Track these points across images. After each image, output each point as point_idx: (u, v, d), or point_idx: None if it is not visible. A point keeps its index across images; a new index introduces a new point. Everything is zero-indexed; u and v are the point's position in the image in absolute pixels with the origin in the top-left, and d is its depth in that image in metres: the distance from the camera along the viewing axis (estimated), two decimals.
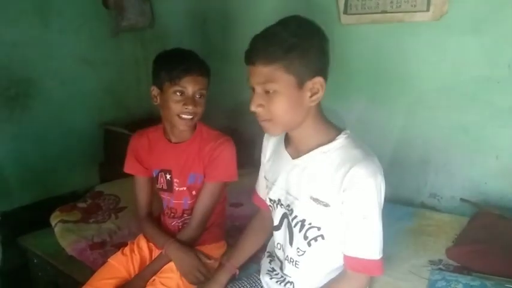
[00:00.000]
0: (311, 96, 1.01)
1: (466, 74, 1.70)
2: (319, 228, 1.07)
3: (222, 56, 2.45)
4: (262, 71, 0.98)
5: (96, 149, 2.72)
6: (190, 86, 1.33)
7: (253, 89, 1.03)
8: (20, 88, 2.35)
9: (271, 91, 0.99)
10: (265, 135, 1.26)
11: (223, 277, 1.30)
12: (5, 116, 2.32)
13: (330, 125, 1.09)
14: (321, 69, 1.02)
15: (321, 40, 1.02)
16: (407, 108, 1.88)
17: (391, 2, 1.77)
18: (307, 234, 1.09)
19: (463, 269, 1.37)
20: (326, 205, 1.04)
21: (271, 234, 1.25)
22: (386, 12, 1.79)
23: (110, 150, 2.67)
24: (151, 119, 1.54)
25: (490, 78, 1.64)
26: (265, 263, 1.28)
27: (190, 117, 1.35)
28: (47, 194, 2.46)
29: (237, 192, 1.75)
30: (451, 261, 1.43)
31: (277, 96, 0.99)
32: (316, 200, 1.06)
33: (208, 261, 1.40)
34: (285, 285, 1.18)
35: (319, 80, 1.00)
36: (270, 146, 1.24)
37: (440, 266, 1.41)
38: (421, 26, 1.75)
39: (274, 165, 1.20)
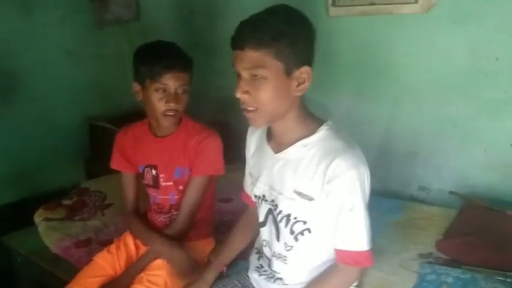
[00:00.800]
0: (297, 86, 1.00)
1: (454, 66, 1.69)
2: (304, 222, 1.06)
3: (210, 48, 2.42)
4: (251, 56, 0.96)
5: (82, 144, 2.67)
6: (171, 82, 1.29)
7: (238, 76, 1.00)
8: (4, 82, 2.29)
9: (258, 76, 0.97)
10: (249, 130, 1.24)
11: (210, 275, 1.28)
12: None
13: (312, 117, 1.08)
14: (308, 59, 1.01)
15: (309, 30, 1.01)
16: (395, 101, 1.87)
17: None
18: (293, 229, 1.08)
19: (452, 262, 1.37)
20: (310, 199, 1.03)
21: (259, 231, 1.23)
22: (374, 4, 1.77)
23: (96, 145, 2.62)
24: (137, 114, 1.51)
25: (478, 71, 1.64)
26: (253, 260, 1.26)
27: (173, 113, 1.32)
28: (32, 191, 2.42)
29: (226, 187, 1.72)
30: (440, 254, 1.43)
31: (264, 83, 0.97)
32: (299, 193, 1.04)
33: (191, 253, 1.37)
34: (274, 281, 1.16)
35: (306, 69, 0.99)
36: (253, 141, 1.22)
37: (430, 259, 1.40)
38: (409, 18, 1.73)
39: (257, 160, 1.18)
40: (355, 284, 1.14)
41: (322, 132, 1.04)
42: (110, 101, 2.67)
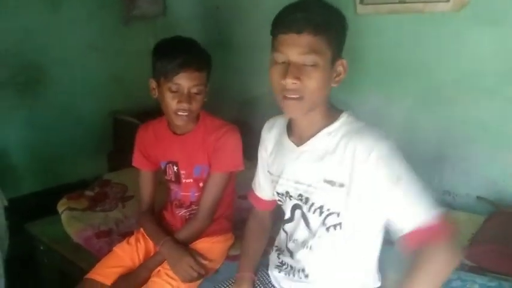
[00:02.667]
0: (335, 77, 1.00)
1: (485, 67, 1.63)
2: (338, 215, 1.02)
3: (235, 46, 2.42)
4: (309, 41, 0.93)
5: (106, 137, 2.71)
6: (185, 82, 1.27)
7: (283, 62, 0.96)
8: (31, 75, 2.34)
9: (311, 64, 0.94)
10: (265, 128, 1.22)
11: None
12: (15, 103, 2.31)
13: (332, 107, 1.07)
14: (343, 51, 1.01)
15: (346, 21, 1.01)
16: (424, 102, 1.82)
17: None
18: (326, 221, 1.04)
19: (478, 269, 1.32)
20: (341, 185, 0.99)
21: (280, 228, 1.21)
22: (405, 2, 1.73)
23: (119, 139, 2.65)
24: (160, 109, 1.51)
25: (510, 73, 1.58)
26: (273, 258, 1.24)
27: (186, 113, 1.30)
28: (55, 181, 2.46)
29: (245, 184, 1.69)
30: (466, 261, 1.38)
31: (315, 70, 0.95)
32: (330, 181, 1.01)
33: (203, 261, 1.35)
34: (294, 275, 1.13)
35: (343, 61, 1.00)
36: (271, 139, 1.19)
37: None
38: (440, 17, 1.68)
39: (277, 157, 1.15)
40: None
41: (344, 118, 1.03)
42: (134, 96, 2.69)
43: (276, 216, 1.27)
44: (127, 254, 1.40)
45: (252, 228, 1.30)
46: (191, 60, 1.27)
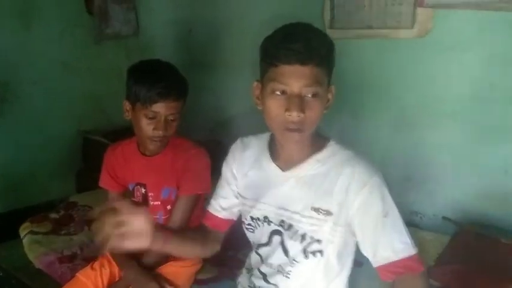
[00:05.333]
0: (326, 103, 0.99)
1: (449, 92, 1.69)
2: (319, 242, 1.01)
3: (208, 67, 2.43)
4: (313, 72, 0.91)
5: (75, 157, 2.65)
6: (163, 111, 1.25)
7: (283, 92, 0.93)
8: None
9: (312, 94, 0.93)
10: (237, 148, 1.17)
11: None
12: None
13: (319, 134, 1.06)
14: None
15: None
16: (390, 125, 1.86)
17: (377, 18, 1.76)
18: (307, 249, 1.03)
19: None
20: (328, 213, 0.99)
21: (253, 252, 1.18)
22: (371, 28, 1.78)
23: (89, 159, 2.60)
24: (131, 129, 1.49)
25: (473, 98, 1.64)
26: (243, 281, 1.21)
27: (160, 139, 1.29)
28: (21, 202, 2.38)
29: None
30: (432, 281, 1.39)
31: (316, 101, 0.93)
32: (317, 209, 1.00)
33: (169, 286, 1.31)
34: None
35: (332, 87, 1.00)
36: (246, 159, 1.14)
37: None
38: (405, 43, 1.74)
39: (255, 180, 1.11)
40: None
41: (332, 146, 1.04)
42: (105, 115, 2.66)
43: (240, 243, 1.23)
44: (90, 280, 1.35)
45: (197, 233, 1.20)
46: (171, 89, 1.25)
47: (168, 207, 1.39)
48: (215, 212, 1.20)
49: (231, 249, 1.49)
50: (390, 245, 0.95)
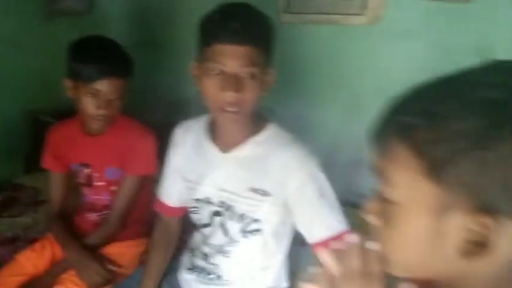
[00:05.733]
0: (265, 85, 1.00)
1: (395, 78, 1.70)
2: (258, 222, 1.04)
3: (163, 46, 2.38)
4: (250, 53, 0.92)
5: (23, 138, 2.53)
6: (105, 89, 1.22)
7: (222, 72, 0.93)
8: None
9: (249, 75, 0.93)
10: (179, 133, 1.18)
11: None
12: None
13: (258, 115, 1.07)
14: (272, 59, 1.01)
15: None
16: (341, 111, 1.90)
17: (330, 4, 1.78)
18: (245, 228, 1.06)
19: None
20: (266, 194, 1.02)
21: (195, 232, 1.19)
22: (324, 13, 1.80)
23: (38, 140, 2.48)
24: None
25: (415, 85, 1.69)
26: (185, 261, 1.23)
27: (103, 118, 1.26)
28: None
29: None
30: None
31: (253, 82, 0.94)
32: (255, 190, 1.02)
33: (111, 267, 1.30)
34: (206, 277, 1.13)
35: (272, 69, 1.01)
36: (187, 143, 1.15)
37: None
38: (357, 29, 1.77)
39: (197, 163, 1.12)
40: None
41: (271, 128, 1.05)
42: (55, 95, 2.54)
43: (186, 223, 1.24)
44: (30, 261, 1.32)
45: (157, 240, 1.24)
46: (113, 67, 1.22)
47: (113, 188, 1.37)
48: (166, 200, 1.21)
49: None
50: (326, 223, 0.99)
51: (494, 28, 1.49)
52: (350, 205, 1.91)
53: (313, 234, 1.00)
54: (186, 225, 1.29)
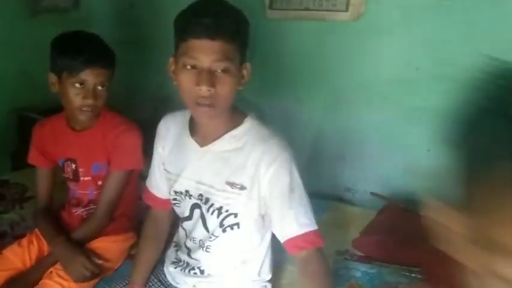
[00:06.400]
0: (241, 80, 1.01)
1: (379, 74, 1.78)
2: (235, 215, 1.06)
3: (149, 43, 2.38)
4: (223, 47, 0.92)
5: (9, 136, 2.52)
6: (91, 78, 1.24)
7: (194, 67, 0.94)
8: None
9: (223, 70, 0.94)
10: (163, 125, 1.20)
11: None
12: None
13: (236, 110, 1.09)
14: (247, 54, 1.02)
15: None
16: (326, 105, 1.93)
17: (314, 0, 1.81)
18: (224, 222, 1.08)
19: (365, 258, 1.43)
20: (242, 188, 1.03)
21: (179, 226, 1.22)
22: (309, 9, 1.83)
23: (25, 137, 2.47)
24: None
25: (400, 80, 1.73)
26: (170, 254, 1.25)
27: (90, 109, 1.28)
28: None
29: None
30: (356, 251, 1.49)
31: (227, 77, 0.95)
32: (231, 184, 1.04)
33: (98, 260, 1.31)
34: (190, 271, 1.15)
35: (248, 65, 1.02)
36: (169, 135, 1.17)
37: (346, 256, 1.46)
38: (340, 26, 1.80)
39: (177, 155, 1.15)
40: None
41: (249, 122, 1.06)
42: (41, 92, 2.52)
43: (176, 215, 1.27)
44: (17, 256, 1.33)
45: (148, 234, 1.26)
46: (97, 56, 1.25)
47: (99, 182, 1.38)
48: (155, 192, 1.24)
49: None
50: (296, 219, 1.01)
51: (476, 23, 1.53)
52: (335, 199, 1.96)
53: (284, 231, 1.03)
54: (173, 220, 1.31)
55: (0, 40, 2.38)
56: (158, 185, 1.23)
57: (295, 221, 1.01)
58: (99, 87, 1.27)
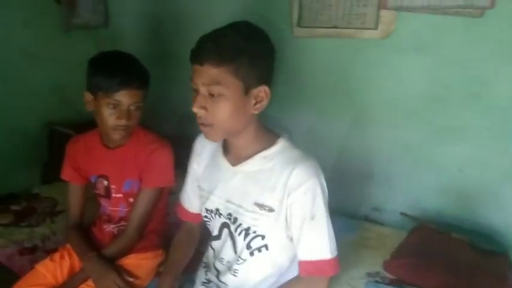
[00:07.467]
0: (255, 104, 1.01)
1: (409, 91, 1.75)
2: (263, 237, 1.06)
3: (176, 60, 2.42)
4: (210, 72, 0.95)
5: (41, 149, 2.59)
6: (125, 100, 1.26)
7: (196, 90, 0.99)
8: None
9: (216, 94, 0.96)
10: (199, 142, 1.23)
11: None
12: None
13: (269, 131, 1.10)
14: (267, 77, 1.02)
15: (269, 48, 1.02)
16: (353, 122, 1.91)
17: (342, 18, 1.81)
18: (251, 244, 1.07)
19: (397, 282, 1.40)
20: (270, 210, 1.03)
21: (209, 246, 1.22)
22: (337, 27, 1.82)
23: (55, 151, 2.54)
24: None
25: (431, 98, 1.70)
26: (200, 275, 1.25)
27: (123, 129, 1.30)
28: None
29: None
30: (387, 274, 1.45)
31: (222, 100, 0.97)
32: (260, 205, 1.04)
33: (129, 278, 1.32)
34: None
35: (264, 88, 1.00)
36: (205, 153, 1.20)
37: (377, 279, 1.43)
38: (369, 43, 1.79)
39: (211, 174, 1.16)
40: None
41: (281, 144, 1.06)
42: (72, 107, 2.59)
43: (205, 230, 1.28)
44: (49, 271, 1.35)
45: (179, 239, 1.31)
46: (133, 78, 1.27)
47: (130, 199, 1.40)
48: (187, 207, 1.27)
49: None
50: (308, 245, 1.02)
51: (509, 41, 1.50)
52: (362, 218, 1.93)
53: (298, 252, 1.05)
54: (202, 237, 1.31)
55: (34, 56, 2.46)
56: (190, 199, 1.26)
57: (308, 247, 1.02)
58: (133, 108, 1.29)
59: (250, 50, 0.96)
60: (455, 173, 1.72)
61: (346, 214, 1.91)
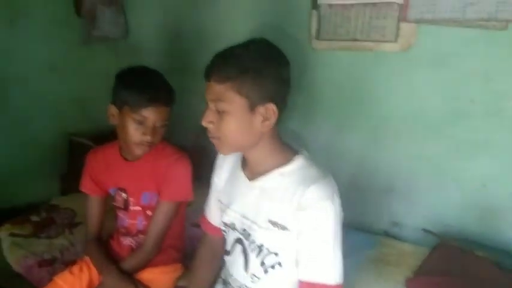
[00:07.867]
0: (263, 121, 1.00)
1: (430, 105, 1.72)
2: (276, 254, 1.04)
3: (194, 72, 2.41)
4: (215, 89, 0.98)
5: (60, 160, 2.62)
6: (152, 116, 1.27)
7: (207, 104, 1.03)
8: None
9: (221, 110, 0.98)
10: (220, 156, 1.23)
11: None
12: None
13: (286, 147, 1.08)
14: (275, 96, 1.00)
15: (278, 67, 1.01)
16: (372, 136, 1.89)
17: (361, 31, 1.79)
18: (265, 261, 1.06)
19: None
20: (284, 228, 1.01)
21: (224, 261, 1.20)
22: (356, 40, 1.81)
23: (74, 161, 2.58)
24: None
25: (454, 112, 1.67)
26: None
27: (148, 145, 1.30)
28: (2, 203, 2.34)
29: (200, 212, 1.70)
30: None
31: (226, 116, 0.98)
32: (274, 223, 1.03)
33: None
34: None
35: (271, 106, 0.99)
36: (226, 166, 1.20)
37: None
38: (389, 56, 1.77)
39: (230, 187, 1.16)
40: None
41: (298, 161, 1.04)
42: (91, 118, 2.64)
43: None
44: (68, 284, 1.35)
45: (202, 257, 1.28)
46: (161, 95, 1.28)
47: (149, 212, 1.39)
48: (210, 220, 1.27)
49: None
50: (310, 267, 1.00)
51: None
52: (380, 233, 1.89)
53: (301, 272, 1.02)
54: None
55: (55, 67, 2.52)
56: (211, 211, 1.26)
57: (310, 268, 1.00)
58: (159, 125, 1.29)
59: (254, 68, 0.97)
60: (478, 188, 1.67)
61: (365, 229, 1.87)
